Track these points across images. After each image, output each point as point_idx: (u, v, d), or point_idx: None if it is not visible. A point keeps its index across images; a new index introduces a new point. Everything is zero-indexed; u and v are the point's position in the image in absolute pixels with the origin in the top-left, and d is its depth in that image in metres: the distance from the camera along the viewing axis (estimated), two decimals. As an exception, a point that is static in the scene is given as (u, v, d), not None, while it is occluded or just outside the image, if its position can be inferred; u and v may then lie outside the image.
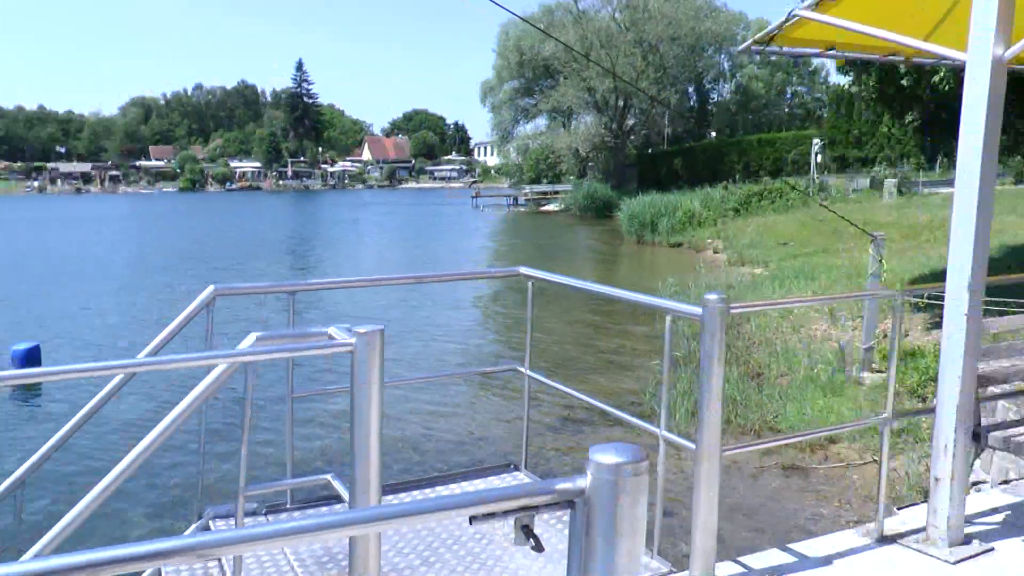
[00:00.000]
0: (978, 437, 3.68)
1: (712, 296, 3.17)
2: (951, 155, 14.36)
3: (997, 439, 3.64)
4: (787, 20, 3.90)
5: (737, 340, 13.52)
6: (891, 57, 4.47)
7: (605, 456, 1.56)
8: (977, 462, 7.27)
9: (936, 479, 3.62)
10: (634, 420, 3.91)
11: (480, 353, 15.39)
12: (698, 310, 3.21)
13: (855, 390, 10.10)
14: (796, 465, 8.81)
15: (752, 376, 11.76)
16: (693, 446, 3.25)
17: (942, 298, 3.56)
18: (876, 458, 8.62)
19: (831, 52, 4.32)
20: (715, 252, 28.28)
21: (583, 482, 1.56)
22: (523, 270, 4.34)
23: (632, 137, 61.39)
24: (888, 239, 18.77)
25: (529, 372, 4.43)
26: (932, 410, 3.65)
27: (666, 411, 3.50)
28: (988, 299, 7.75)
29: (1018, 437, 3.60)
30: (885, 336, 10.79)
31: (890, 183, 33.67)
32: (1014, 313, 4.25)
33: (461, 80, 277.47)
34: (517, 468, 4.73)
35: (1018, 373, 4.11)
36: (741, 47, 4.29)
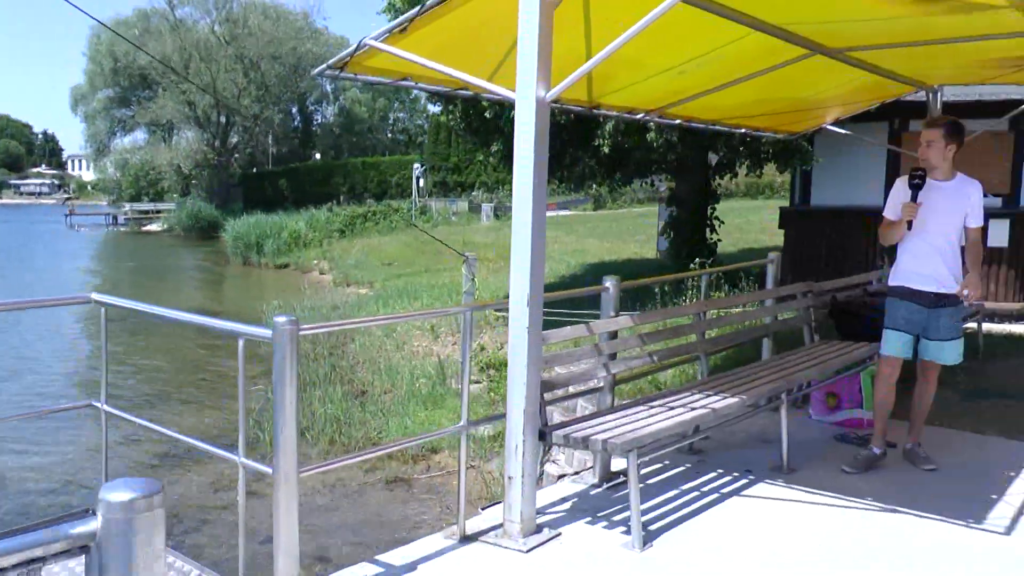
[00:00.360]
0: (544, 436, 4.10)
1: (281, 318, 3.20)
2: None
3: (559, 437, 4.08)
4: (358, 49, 4.05)
5: (342, 360, 13.72)
6: (461, 91, 4.85)
7: (116, 494, 1.48)
8: (562, 456, 8.07)
9: (509, 478, 3.97)
10: (212, 449, 3.80)
11: (87, 388, 14.00)
12: (268, 333, 3.22)
13: (455, 401, 10.67)
14: (399, 477, 9.11)
15: (357, 394, 11.98)
16: (270, 470, 3.24)
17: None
18: (473, 464, 9.21)
19: (406, 82, 4.56)
20: (321, 273, 28.43)
21: (94, 524, 1.47)
22: (95, 296, 4.03)
23: (237, 155, 59.81)
24: (485, 259, 20.17)
25: (106, 407, 4.12)
26: (504, 415, 3.99)
27: (244, 436, 3.45)
28: (562, 311, 8.60)
29: (575, 433, 4.07)
30: (483, 349, 11.54)
31: (487, 207, 36.29)
32: (579, 322, 4.79)
33: (50, 84, 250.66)
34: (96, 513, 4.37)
35: (575, 378, 4.66)
36: (316, 71, 4.38)
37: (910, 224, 4.97)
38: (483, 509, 4.67)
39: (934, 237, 5.00)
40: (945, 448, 5.65)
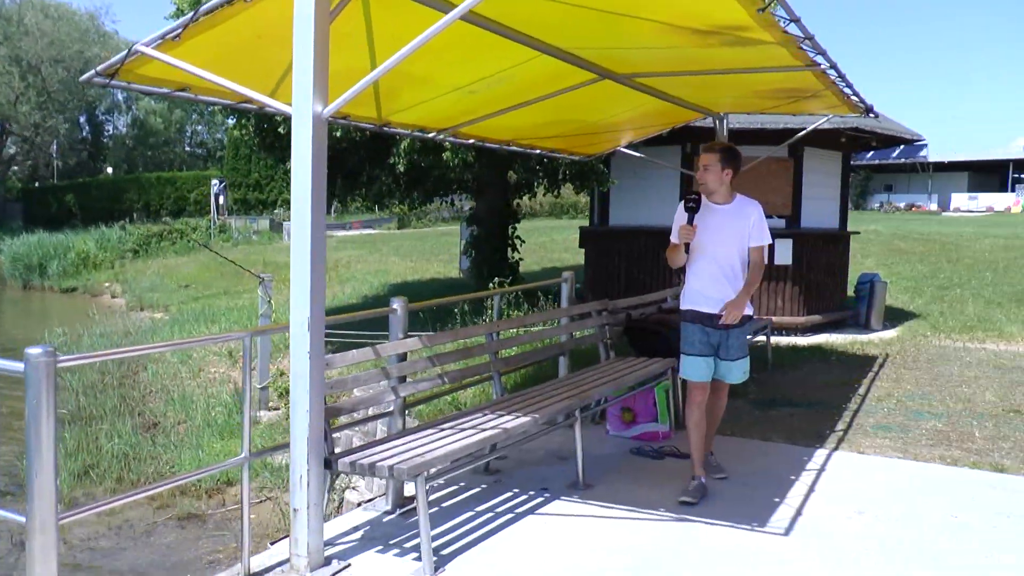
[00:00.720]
0: (331, 465, 4.01)
1: (35, 350, 2.98)
2: (344, 200, 15.56)
3: (345, 464, 4.00)
4: (129, 55, 3.85)
5: (133, 390, 13.05)
6: (244, 105, 4.71)
7: None
8: (362, 483, 7.95)
9: (295, 510, 3.85)
10: None
11: None
12: (20, 366, 3.00)
13: (252, 429, 10.30)
14: (192, 513, 8.73)
15: (148, 427, 11.42)
16: (23, 519, 3.00)
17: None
18: (271, 495, 8.94)
19: (184, 93, 4.38)
20: (113, 296, 27.13)
21: None
22: None
23: (15, 168, 55.73)
24: (287, 279, 19.84)
25: None
26: (287, 445, 3.88)
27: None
28: (365, 332, 8.50)
29: (362, 460, 4.01)
30: (282, 374, 11.24)
31: (288, 225, 35.57)
32: (373, 343, 4.74)
33: None
34: None
35: (363, 402, 4.60)
36: (84, 76, 4.12)
37: (687, 247, 5.11)
38: (272, 544, 4.52)
39: (718, 259, 5.16)
40: (735, 456, 5.98)
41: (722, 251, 5.16)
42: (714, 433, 5.67)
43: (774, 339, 10.35)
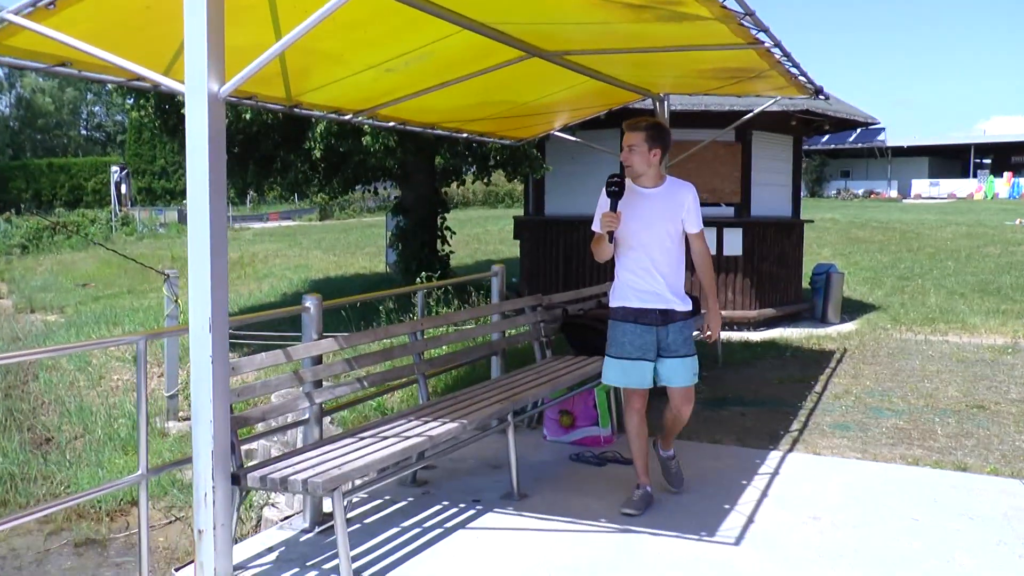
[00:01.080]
0: (239, 480, 3.94)
1: None
2: (260, 188, 15.41)
3: (255, 479, 3.93)
4: (-5, 23, 3.71)
5: (22, 402, 12.74)
6: (135, 83, 4.60)
7: None
8: (282, 499, 7.87)
9: (199, 531, 3.77)
10: None
11: None
12: None
13: (160, 443, 10.14)
14: (91, 539, 8.58)
15: (40, 443, 11.18)
16: None
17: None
18: (181, 515, 8.81)
19: (65, 68, 4.24)
20: (-1, 297, 26.50)
21: None
22: None
23: None
24: (197, 276, 19.53)
25: None
26: (190, 460, 3.80)
27: None
28: (286, 333, 8.39)
29: (273, 474, 3.94)
30: (192, 381, 11.06)
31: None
32: (288, 345, 4.68)
33: None
34: None
35: (275, 410, 4.54)
36: None
37: (611, 235, 4.90)
38: (177, 570, 4.44)
39: (650, 249, 4.93)
40: (682, 461, 6.00)
41: (653, 240, 4.94)
42: (674, 437, 5.43)
43: (725, 334, 10.50)
